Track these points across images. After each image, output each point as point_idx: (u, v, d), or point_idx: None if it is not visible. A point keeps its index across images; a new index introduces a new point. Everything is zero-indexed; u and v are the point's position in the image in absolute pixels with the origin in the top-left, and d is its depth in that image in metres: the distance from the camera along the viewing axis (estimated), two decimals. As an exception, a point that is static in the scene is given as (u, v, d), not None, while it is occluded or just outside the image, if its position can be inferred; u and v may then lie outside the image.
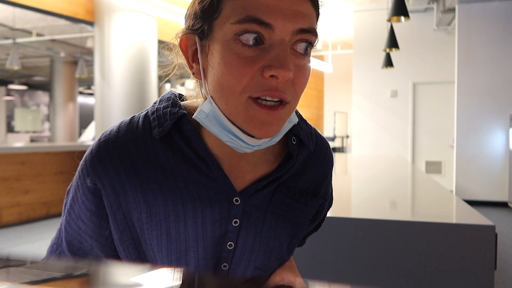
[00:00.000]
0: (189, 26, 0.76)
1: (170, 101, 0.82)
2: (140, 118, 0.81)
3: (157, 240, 0.79)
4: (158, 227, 0.79)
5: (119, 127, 0.81)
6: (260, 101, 0.69)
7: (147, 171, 0.78)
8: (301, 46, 0.71)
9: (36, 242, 5.31)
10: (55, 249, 0.89)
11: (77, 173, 0.83)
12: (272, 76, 0.67)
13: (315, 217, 0.97)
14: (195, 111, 0.79)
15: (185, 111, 0.80)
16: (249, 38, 0.67)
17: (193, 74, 0.77)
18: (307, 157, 0.90)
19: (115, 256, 0.84)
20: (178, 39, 0.78)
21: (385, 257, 1.89)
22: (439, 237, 1.84)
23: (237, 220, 0.82)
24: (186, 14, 0.78)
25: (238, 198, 0.81)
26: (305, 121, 0.92)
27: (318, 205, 0.94)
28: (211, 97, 0.74)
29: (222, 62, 0.69)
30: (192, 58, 0.77)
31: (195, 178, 0.79)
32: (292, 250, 0.93)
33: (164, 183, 0.78)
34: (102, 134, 0.82)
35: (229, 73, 0.68)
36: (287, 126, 0.78)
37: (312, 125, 0.95)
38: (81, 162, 0.82)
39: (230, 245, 0.83)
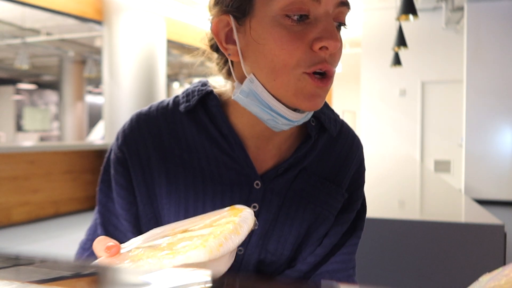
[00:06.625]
0: (224, 6, 0.74)
1: (200, 83, 0.86)
2: (170, 98, 0.87)
3: (174, 218, 0.80)
4: (176, 205, 0.80)
5: (150, 106, 0.86)
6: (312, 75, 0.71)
7: (173, 146, 0.81)
8: (338, 20, 0.73)
9: (45, 241, 5.35)
10: (88, 246, 0.86)
11: (108, 149, 0.87)
12: (321, 48, 0.69)
13: (343, 216, 0.89)
14: (223, 92, 0.84)
15: (212, 88, 0.84)
16: (297, 13, 0.69)
17: (229, 55, 0.76)
18: (329, 142, 0.89)
19: None
20: (210, 23, 0.77)
21: (393, 257, 1.89)
22: (447, 237, 1.83)
23: (256, 205, 0.81)
24: None
25: (259, 182, 0.81)
26: (332, 109, 0.91)
27: (343, 199, 0.89)
28: (254, 74, 0.74)
29: (271, 37, 0.70)
30: (226, 40, 0.76)
31: (217, 157, 0.81)
32: (327, 245, 0.86)
33: (187, 160, 0.81)
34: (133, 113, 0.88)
35: (281, 48, 0.69)
36: None
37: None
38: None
39: None
